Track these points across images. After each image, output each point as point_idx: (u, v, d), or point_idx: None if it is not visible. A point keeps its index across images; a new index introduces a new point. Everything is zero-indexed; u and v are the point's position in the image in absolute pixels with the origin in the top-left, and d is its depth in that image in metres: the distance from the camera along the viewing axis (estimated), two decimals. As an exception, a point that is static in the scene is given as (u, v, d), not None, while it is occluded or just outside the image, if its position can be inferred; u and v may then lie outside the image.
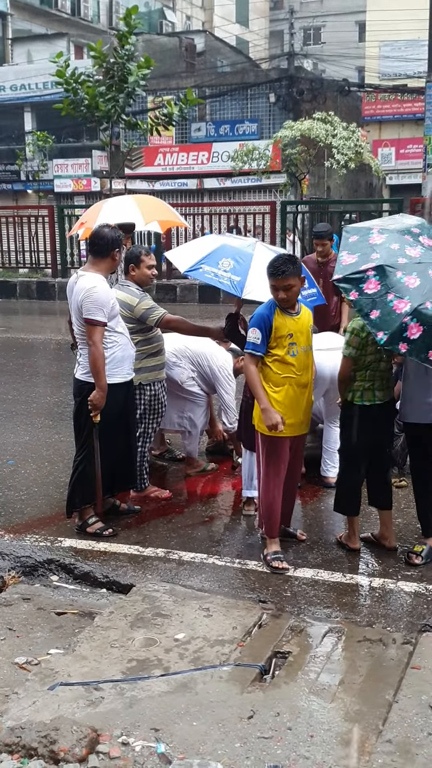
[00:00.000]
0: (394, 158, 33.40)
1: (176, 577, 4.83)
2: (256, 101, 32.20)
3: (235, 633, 4.08)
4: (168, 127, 18.66)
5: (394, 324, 4.31)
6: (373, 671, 3.79)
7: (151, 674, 3.73)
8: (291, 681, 3.70)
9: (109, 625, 4.18)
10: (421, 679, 3.70)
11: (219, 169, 30.87)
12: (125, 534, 5.54)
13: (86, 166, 34.11)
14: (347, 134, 22.61)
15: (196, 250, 5.64)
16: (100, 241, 5.40)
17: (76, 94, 16.53)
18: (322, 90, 31.30)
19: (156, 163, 32.71)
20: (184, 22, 49.24)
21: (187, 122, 30.40)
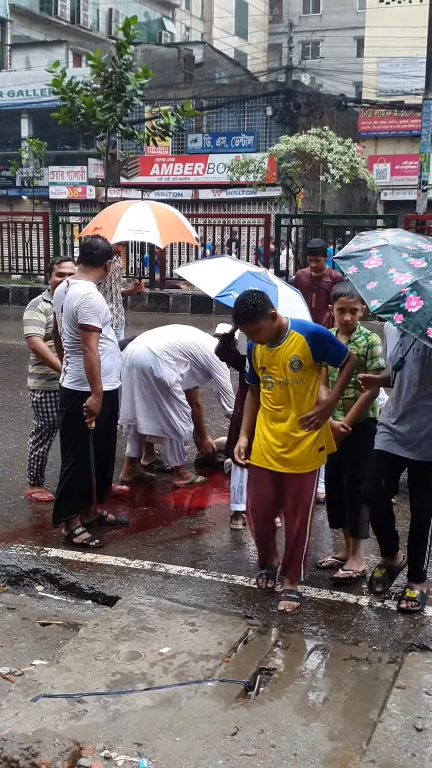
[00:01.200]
0: (389, 174, 33.55)
1: (162, 591, 4.82)
2: (253, 114, 32.36)
3: (221, 648, 4.08)
4: (164, 138, 18.71)
5: (391, 293, 4.05)
6: (359, 690, 3.79)
7: (135, 688, 3.72)
8: (276, 698, 3.69)
9: (93, 637, 4.17)
10: (406, 698, 3.70)
11: (214, 181, 30.99)
12: (112, 545, 5.52)
13: (82, 174, 34.18)
14: (343, 149, 22.77)
15: (219, 274, 5.58)
16: (95, 251, 5.44)
17: (73, 103, 16.54)
18: (319, 104, 31.48)
19: (152, 173, 32.80)
20: (183, 33, 49.48)
21: (183, 133, 30.52)
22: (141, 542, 5.60)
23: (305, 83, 36.51)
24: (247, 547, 5.61)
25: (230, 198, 30.72)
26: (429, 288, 4.03)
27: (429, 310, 3.96)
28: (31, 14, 40.45)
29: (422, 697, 3.72)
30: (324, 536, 5.76)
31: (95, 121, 16.82)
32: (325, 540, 5.72)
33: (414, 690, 3.78)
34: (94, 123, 16.92)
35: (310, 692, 3.75)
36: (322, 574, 5.13)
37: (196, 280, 5.79)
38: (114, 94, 16.52)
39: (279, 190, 26.92)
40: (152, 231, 7.11)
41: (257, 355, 4.67)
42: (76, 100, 16.61)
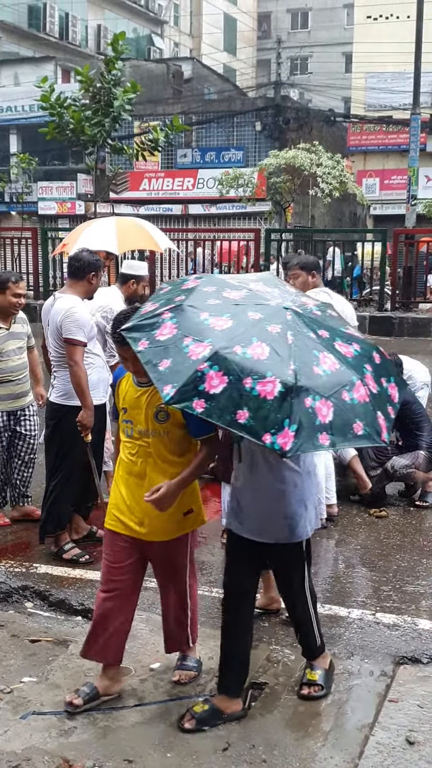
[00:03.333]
0: (378, 189, 33.75)
1: (153, 606, 4.78)
2: (242, 129, 32.53)
3: (212, 663, 4.06)
4: (154, 153, 18.77)
5: (186, 374, 3.04)
6: (350, 704, 3.79)
7: (125, 704, 3.70)
8: (267, 713, 3.68)
9: (83, 653, 4.14)
10: (399, 712, 3.70)
11: (204, 196, 31.11)
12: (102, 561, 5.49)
13: (71, 190, 34.26)
14: (332, 164, 22.91)
15: None
16: (77, 263, 5.48)
17: (61, 118, 16.59)
18: (308, 119, 31.71)
19: (141, 188, 32.90)
20: (172, 49, 49.78)
21: (173, 148, 30.64)
22: (131, 557, 5.58)
23: (294, 98, 36.79)
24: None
25: (220, 213, 30.83)
26: (234, 357, 3.05)
27: (236, 387, 3.01)
28: (19, 30, 40.63)
29: (415, 710, 3.72)
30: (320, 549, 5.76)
31: (84, 136, 16.89)
32: (322, 556, 5.72)
33: (406, 703, 3.77)
34: (83, 138, 16.98)
35: (301, 707, 3.74)
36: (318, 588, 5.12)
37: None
38: (102, 109, 16.59)
39: (269, 204, 27.02)
40: (111, 240, 7.34)
41: (121, 390, 3.82)
42: (65, 116, 16.67)
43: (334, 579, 5.26)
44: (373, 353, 3.42)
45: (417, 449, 6.59)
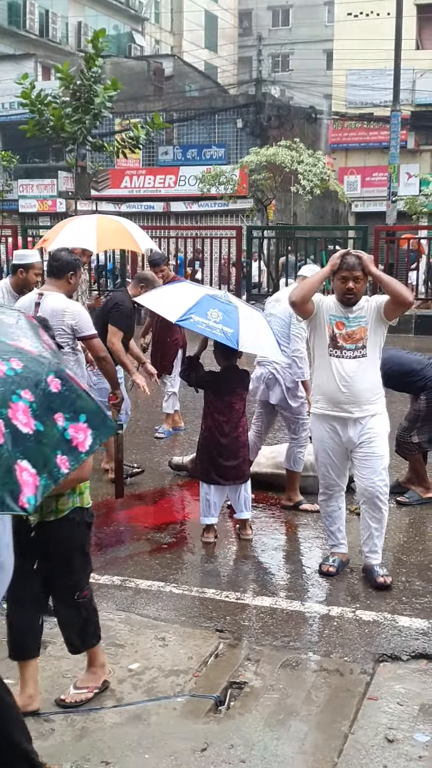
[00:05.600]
0: (359, 186, 33.83)
1: (132, 606, 4.78)
2: (223, 126, 32.49)
3: (191, 663, 4.05)
4: (135, 150, 18.67)
5: None
6: (330, 702, 3.78)
7: (103, 705, 3.68)
8: (246, 712, 3.67)
9: (61, 654, 4.10)
10: (378, 710, 3.69)
11: (186, 193, 31.03)
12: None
13: (52, 187, 34.11)
14: (313, 161, 22.93)
15: (178, 298, 5.58)
16: (56, 263, 5.51)
17: (41, 116, 16.48)
18: (289, 117, 31.70)
19: (122, 186, 32.80)
20: (152, 46, 49.59)
21: (154, 146, 30.59)
22: (110, 557, 5.56)
23: (275, 96, 36.72)
24: (218, 560, 5.59)
25: (202, 210, 30.77)
26: None
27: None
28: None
29: (394, 707, 3.71)
30: (304, 547, 5.75)
31: (64, 134, 16.79)
32: (305, 553, 5.72)
33: (386, 701, 3.77)
34: (63, 135, 16.88)
35: (281, 706, 3.73)
36: (294, 583, 5.12)
37: (156, 307, 5.77)
38: (83, 106, 16.50)
39: (250, 202, 27.03)
40: (90, 237, 7.40)
41: None
42: (45, 113, 16.56)
43: (313, 576, 5.25)
44: (48, 377, 2.32)
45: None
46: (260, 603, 4.87)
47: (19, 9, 40.72)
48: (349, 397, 5.02)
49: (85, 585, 3.71)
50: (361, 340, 5.03)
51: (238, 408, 5.78)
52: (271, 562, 5.60)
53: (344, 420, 5.06)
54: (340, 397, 5.03)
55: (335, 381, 5.03)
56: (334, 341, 5.05)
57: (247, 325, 5.37)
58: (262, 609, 4.79)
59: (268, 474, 6.84)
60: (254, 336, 5.41)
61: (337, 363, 5.03)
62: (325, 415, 5.13)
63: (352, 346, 5.03)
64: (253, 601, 4.90)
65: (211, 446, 5.75)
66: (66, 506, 3.58)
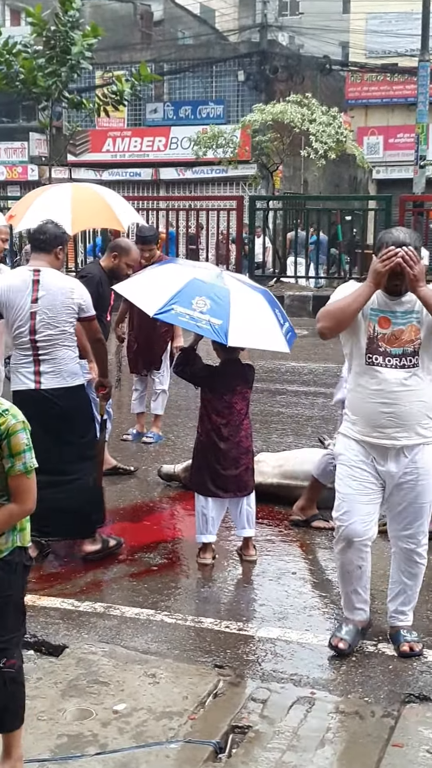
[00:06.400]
0: (381, 149, 33.90)
1: (117, 637, 4.80)
2: (222, 80, 32.48)
3: (186, 704, 4.06)
4: (118, 107, 18.75)
5: None
6: (348, 749, 3.80)
7: (84, 752, 3.69)
8: (251, 761, 3.68)
9: (35, 693, 4.13)
10: (404, 758, 3.71)
11: (178, 158, 31.04)
12: (58, 586, 5.50)
13: (22, 151, 34.09)
14: (327, 119, 22.92)
15: (161, 284, 5.51)
16: (42, 236, 5.72)
17: (10, 68, 16.55)
18: (299, 68, 31.69)
19: (104, 150, 32.79)
20: (139, -14, 49.61)
21: (141, 102, 30.57)
22: (92, 581, 5.59)
23: (283, 43, 36.79)
24: (216, 584, 5.61)
25: (197, 178, 30.81)
26: None
27: None
28: (-41, -36, 40.41)
29: (423, 756, 3.73)
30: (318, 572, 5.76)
31: (36, 89, 16.85)
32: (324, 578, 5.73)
33: (413, 748, 3.78)
34: (36, 90, 16.94)
35: (291, 753, 3.74)
36: (305, 612, 5.14)
37: (134, 297, 5.73)
38: (58, 56, 16.55)
39: (253, 168, 27.06)
40: (64, 215, 7.23)
41: None
42: (14, 64, 16.63)
43: (328, 604, 5.27)
44: None
45: None
46: (266, 634, 4.89)
47: None
48: (392, 419, 4.44)
49: (13, 651, 3.43)
50: (411, 344, 4.45)
51: (240, 409, 5.79)
52: (278, 587, 5.60)
53: (385, 449, 4.51)
54: (381, 419, 4.46)
55: (375, 397, 4.47)
56: (375, 344, 4.47)
57: (240, 313, 5.30)
58: (268, 641, 4.81)
59: (274, 485, 6.86)
60: (249, 326, 5.34)
61: (378, 374, 4.46)
62: (359, 441, 4.57)
63: (399, 351, 4.44)
64: (257, 633, 4.92)
65: (209, 453, 5.76)
66: (4, 546, 3.36)
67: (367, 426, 4.51)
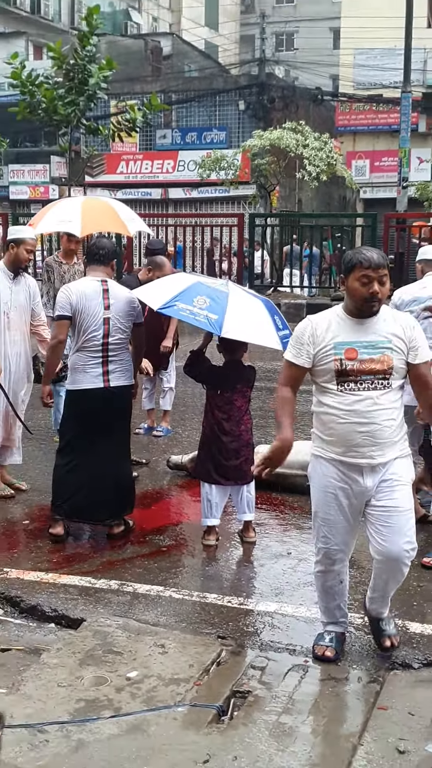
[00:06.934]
0: (368, 171, 33.78)
1: (130, 611, 4.79)
2: (224, 108, 32.44)
3: (192, 671, 4.06)
4: (131, 134, 18.73)
5: None
6: (338, 712, 3.79)
7: (100, 715, 3.68)
8: (250, 722, 3.67)
9: (56, 662, 4.13)
10: (388, 720, 3.70)
11: (185, 179, 31.02)
12: (76, 565, 5.49)
13: (44, 173, 34.07)
14: (319, 145, 22.87)
15: (169, 287, 5.66)
16: (101, 251, 5.87)
17: (33, 97, 16.51)
18: (294, 98, 31.67)
19: (118, 171, 32.77)
20: (150, 24, 49.52)
21: (151, 129, 30.51)
22: (107, 561, 5.58)
23: (279, 76, 36.72)
24: (219, 563, 5.61)
25: (202, 197, 30.77)
26: None
27: None
28: (-12, 5, 40.35)
29: (405, 717, 3.72)
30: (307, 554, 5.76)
31: (57, 116, 16.80)
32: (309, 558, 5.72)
33: (396, 710, 3.77)
34: (56, 118, 16.89)
35: (286, 715, 3.73)
36: (300, 588, 5.12)
37: (146, 298, 5.76)
38: (76, 87, 16.51)
39: (253, 188, 26.99)
40: (74, 221, 7.43)
41: None
42: (37, 94, 16.58)
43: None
44: None
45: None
46: (264, 608, 4.88)
47: (10, -15, 40.71)
48: (368, 438, 4.01)
49: None
50: (383, 371, 4.02)
51: (240, 405, 5.78)
52: (275, 565, 5.59)
53: (360, 468, 4.07)
54: (356, 438, 4.02)
55: (349, 417, 4.03)
56: (344, 374, 4.03)
57: (236, 311, 5.34)
58: (266, 614, 4.80)
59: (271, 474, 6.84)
60: (243, 322, 5.35)
61: (350, 395, 4.04)
62: (333, 461, 4.11)
63: (370, 376, 4.02)
64: (256, 607, 4.91)
65: (212, 444, 5.76)
66: None
67: (342, 446, 4.06)
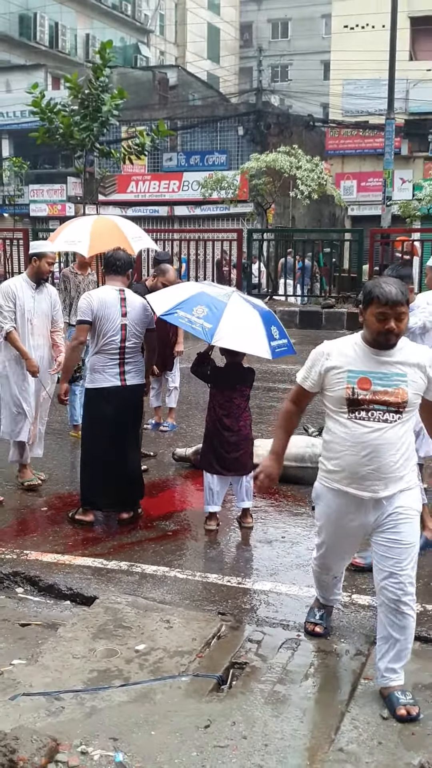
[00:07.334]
0: (355, 190, 33.69)
1: (139, 590, 4.78)
2: (225, 133, 32.39)
3: (195, 644, 4.05)
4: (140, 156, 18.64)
5: None
6: (327, 682, 3.78)
7: (111, 684, 3.68)
8: (247, 691, 3.67)
9: (71, 636, 4.12)
10: (373, 689, 3.69)
11: (189, 198, 30.98)
12: (90, 547, 5.48)
13: (61, 192, 34.04)
14: (311, 167, 22.87)
15: (174, 295, 5.67)
16: (118, 262, 5.90)
17: (51, 123, 16.49)
18: (288, 124, 31.62)
19: (129, 191, 32.72)
20: (157, 57, 49.47)
21: (159, 152, 30.51)
22: (118, 544, 5.57)
23: (275, 104, 36.63)
24: (220, 546, 5.60)
25: (204, 214, 30.71)
26: None
27: None
28: (11, 39, 40.25)
29: (388, 687, 3.70)
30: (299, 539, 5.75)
31: (73, 141, 16.78)
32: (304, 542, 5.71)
33: (380, 681, 3.76)
34: (72, 142, 16.87)
35: (280, 685, 3.73)
36: (292, 569, 5.12)
37: (154, 303, 5.74)
38: (91, 114, 16.49)
39: (251, 206, 26.96)
40: (83, 241, 7.33)
41: None
42: (55, 121, 16.57)
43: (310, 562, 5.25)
44: None
45: None
46: (261, 587, 4.88)
47: (30, 21, 40.68)
48: (373, 472, 3.60)
49: None
50: (396, 404, 3.58)
51: (239, 403, 5.77)
52: (270, 548, 5.59)
53: (364, 501, 3.67)
54: (362, 471, 3.61)
55: (358, 449, 3.61)
56: (356, 403, 3.61)
57: (229, 322, 5.32)
58: (262, 593, 4.79)
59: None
60: (235, 333, 5.33)
61: (360, 426, 3.61)
62: (338, 492, 3.73)
63: (383, 407, 3.58)
64: (254, 586, 4.90)
65: (214, 438, 5.76)
66: None
67: (348, 477, 3.66)
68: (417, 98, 32.35)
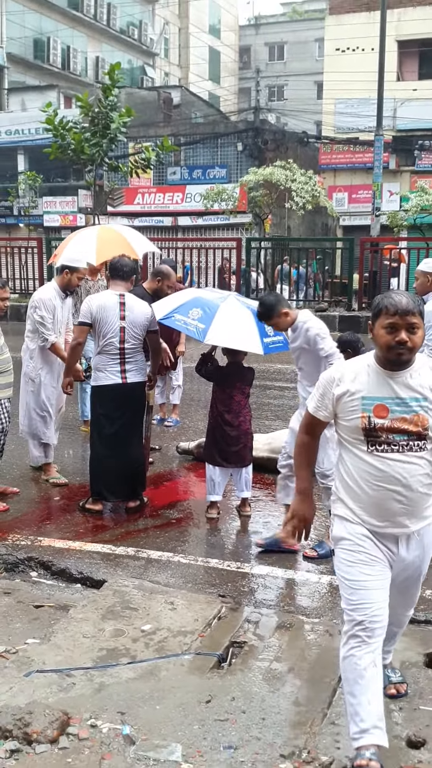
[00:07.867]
0: (347, 202, 33.61)
1: (145, 574, 4.77)
2: (225, 149, 32.33)
3: (197, 624, 4.03)
4: (146, 170, 18.70)
5: None
6: (320, 659, 3.76)
7: (118, 662, 3.67)
8: (246, 668, 3.65)
9: (82, 617, 4.11)
10: (363, 666, 3.66)
11: (191, 209, 30.92)
12: (99, 534, 5.47)
13: (73, 204, 34.01)
14: (305, 180, 22.84)
15: (174, 301, 5.71)
16: (125, 268, 5.85)
17: (63, 140, 16.52)
18: (284, 140, 31.53)
19: (135, 202, 32.68)
20: (162, 78, 49.41)
21: (163, 166, 30.44)
22: (125, 531, 5.56)
23: (272, 122, 36.54)
24: (220, 533, 5.58)
25: (206, 224, 30.66)
26: None
27: None
28: (25, 62, 40.22)
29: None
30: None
31: (84, 156, 16.82)
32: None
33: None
34: (83, 157, 16.91)
35: (276, 662, 3.71)
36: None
37: (155, 308, 5.78)
38: (100, 131, 16.52)
39: (249, 216, 26.93)
40: (90, 251, 7.17)
41: None
42: (67, 137, 16.60)
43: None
44: None
45: None
46: (258, 571, 4.86)
47: (44, 45, 40.69)
48: (405, 506, 3.00)
49: None
50: (417, 434, 2.97)
51: (238, 400, 5.76)
52: (268, 535, 5.57)
53: (396, 537, 3.06)
54: (395, 507, 3.00)
55: (383, 483, 2.99)
56: (374, 434, 2.99)
57: (222, 321, 5.34)
58: (260, 577, 4.78)
59: (264, 458, 6.81)
60: (227, 331, 5.34)
61: (382, 459, 2.99)
62: (364, 523, 3.07)
63: (404, 437, 2.97)
64: (252, 570, 4.89)
65: (216, 433, 5.74)
66: None
67: (375, 515, 3.03)
68: (404, 116, 32.26)
